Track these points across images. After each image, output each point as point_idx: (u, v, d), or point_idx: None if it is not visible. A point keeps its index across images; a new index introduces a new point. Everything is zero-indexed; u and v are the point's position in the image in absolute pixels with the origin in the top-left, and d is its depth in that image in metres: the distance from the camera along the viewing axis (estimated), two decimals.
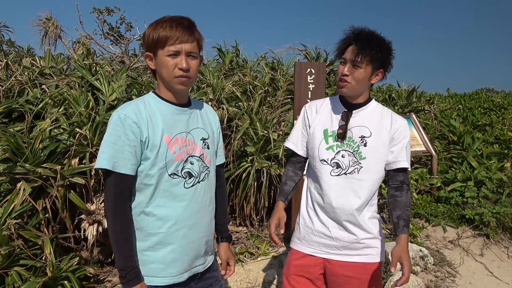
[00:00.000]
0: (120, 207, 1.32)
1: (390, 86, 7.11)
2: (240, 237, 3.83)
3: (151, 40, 1.32)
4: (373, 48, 1.53)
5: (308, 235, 1.74)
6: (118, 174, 1.29)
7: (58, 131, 3.13)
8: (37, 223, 2.70)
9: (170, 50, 1.30)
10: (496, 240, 3.79)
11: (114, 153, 1.27)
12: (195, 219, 1.44)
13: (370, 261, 1.67)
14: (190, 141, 1.42)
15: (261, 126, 3.73)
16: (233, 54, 5.49)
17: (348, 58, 1.57)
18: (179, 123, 1.41)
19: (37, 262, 2.53)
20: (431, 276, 3.15)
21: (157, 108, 1.38)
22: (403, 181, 1.68)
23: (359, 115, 1.68)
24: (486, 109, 7.21)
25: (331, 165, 1.65)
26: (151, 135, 1.32)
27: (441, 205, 4.36)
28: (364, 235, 1.67)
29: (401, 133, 1.66)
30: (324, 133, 1.70)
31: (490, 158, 5.04)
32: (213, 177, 1.55)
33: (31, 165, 2.68)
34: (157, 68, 1.36)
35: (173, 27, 1.30)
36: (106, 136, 1.30)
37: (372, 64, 1.56)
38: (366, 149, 1.63)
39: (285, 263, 1.83)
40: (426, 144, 4.70)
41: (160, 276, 1.38)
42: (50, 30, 5.99)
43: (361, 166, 1.63)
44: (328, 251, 1.70)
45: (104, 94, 3.61)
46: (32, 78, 3.87)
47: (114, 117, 1.30)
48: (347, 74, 1.57)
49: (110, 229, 1.33)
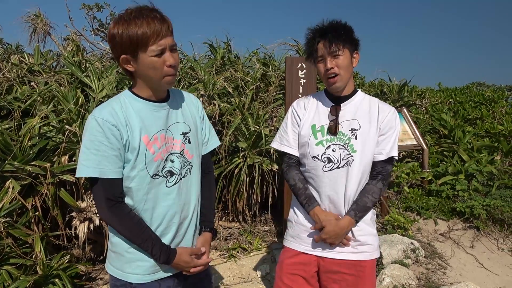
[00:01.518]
0: (117, 210, 1.30)
1: (381, 81, 7.12)
2: (233, 232, 3.83)
3: (127, 41, 1.21)
4: (341, 33, 1.56)
5: (302, 233, 1.73)
6: (106, 179, 1.26)
7: (48, 128, 3.11)
8: (27, 221, 2.68)
9: (156, 50, 1.23)
10: (486, 232, 3.84)
11: (100, 160, 1.24)
12: (181, 215, 1.43)
13: (366, 259, 1.67)
14: (169, 138, 1.39)
15: (253, 121, 3.73)
16: (224, 50, 5.46)
17: (325, 53, 1.58)
18: (157, 120, 1.36)
19: (28, 260, 2.51)
20: (422, 269, 3.18)
21: (134, 107, 1.32)
22: (379, 171, 1.67)
23: (347, 108, 1.68)
24: (476, 103, 7.26)
25: (323, 161, 1.65)
26: (130, 137, 1.28)
27: (432, 198, 4.39)
28: (358, 231, 1.67)
29: (388, 123, 1.65)
30: (312, 128, 1.69)
31: (481, 151, 5.09)
32: (198, 170, 1.51)
33: (20, 163, 2.66)
34: (141, 70, 1.28)
35: (149, 22, 1.21)
36: (87, 143, 1.25)
37: (347, 48, 1.59)
38: (357, 142, 1.63)
39: (278, 262, 1.81)
40: (418, 138, 4.73)
41: (146, 273, 1.37)
42: (39, 27, 5.90)
43: (353, 159, 1.62)
44: (322, 249, 1.69)
45: (94, 90, 3.58)
46: (20, 75, 3.82)
47: (92, 122, 1.25)
48: (332, 66, 1.58)
49: (120, 232, 1.33)
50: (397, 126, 1.68)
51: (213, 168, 1.74)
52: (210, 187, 1.65)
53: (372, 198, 1.64)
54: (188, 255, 1.42)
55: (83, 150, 1.26)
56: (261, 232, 3.85)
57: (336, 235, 1.60)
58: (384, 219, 3.84)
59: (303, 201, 1.69)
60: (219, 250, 3.53)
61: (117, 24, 1.23)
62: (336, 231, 1.60)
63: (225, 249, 3.51)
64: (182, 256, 1.39)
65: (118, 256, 1.38)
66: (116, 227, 1.32)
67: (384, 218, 3.82)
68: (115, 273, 1.38)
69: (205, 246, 1.52)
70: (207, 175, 1.62)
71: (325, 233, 1.60)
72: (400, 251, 3.19)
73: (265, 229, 3.95)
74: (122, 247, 1.36)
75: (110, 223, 1.32)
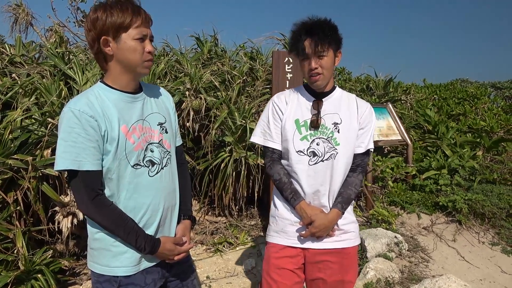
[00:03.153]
0: (98, 202, 1.28)
1: (367, 77, 7.18)
2: (219, 227, 3.83)
3: (110, 23, 1.25)
4: (327, 34, 1.58)
5: (286, 227, 1.74)
6: (85, 172, 1.24)
7: (30, 121, 3.04)
8: (8, 216, 2.62)
9: (138, 33, 1.28)
10: (468, 226, 3.92)
11: (78, 152, 1.22)
12: (164, 204, 1.44)
13: (348, 246, 1.73)
14: (147, 128, 1.39)
15: (240, 115, 3.72)
16: (211, 44, 5.41)
17: (310, 52, 1.59)
18: (133, 111, 1.36)
19: (9, 256, 2.47)
20: (406, 262, 3.24)
21: (108, 98, 1.31)
22: (359, 164, 1.75)
23: (328, 102, 1.72)
24: (460, 99, 7.38)
25: (308, 155, 1.67)
26: (108, 128, 1.27)
27: (416, 193, 4.46)
28: (342, 221, 1.72)
29: (367, 118, 1.75)
30: (296, 123, 1.70)
31: (463, 146, 5.18)
32: (175, 160, 1.54)
33: (1, 156, 2.60)
34: (120, 53, 1.29)
35: (135, 10, 1.28)
36: (64, 135, 1.23)
37: (332, 49, 1.61)
38: (340, 135, 1.68)
39: (264, 258, 1.82)
40: (402, 134, 4.79)
41: (133, 264, 1.37)
42: (20, 17, 5.75)
43: (337, 152, 1.66)
44: (307, 240, 1.71)
45: (78, 83, 3.51)
46: (1, 67, 3.73)
47: (68, 114, 1.23)
48: (316, 67, 1.60)
49: (102, 225, 1.31)
50: (374, 120, 1.78)
51: (185, 160, 1.75)
52: (185, 176, 1.66)
53: (355, 190, 1.71)
54: (172, 243, 1.44)
55: (60, 143, 1.24)
56: (247, 227, 3.86)
57: (325, 228, 1.65)
58: (368, 213, 3.89)
59: (288, 196, 1.70)
60: (205, 245, 3.53)
61: (99, 8, 1.28)
62: (325, 224, 1.64)
63: (211, 243, 3.51)
64: (166, 245, 1.41)
65: (102, 252, 1.36)
66: (98, 220, 1.30)
67: (369, 212, 3.87)
68: (99, 269, 1.37)
69: (186, 233, 1.55)
70: (181, 165, 1.64)
71: (315, 227, 1.63)
72: (384, 245, 3.23)
73: (251, 223, 3.96)
74: (107, 241, 1.35)
75: (92, 216, 1.30)
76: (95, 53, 1.33)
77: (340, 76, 8.08)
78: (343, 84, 6.81)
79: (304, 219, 1.67)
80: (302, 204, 1.67)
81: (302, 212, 1.67)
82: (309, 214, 1.65)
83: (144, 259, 1.40)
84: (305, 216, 1.66)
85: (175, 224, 1.54)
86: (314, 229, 1.64)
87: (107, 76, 1.36)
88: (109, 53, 1.30)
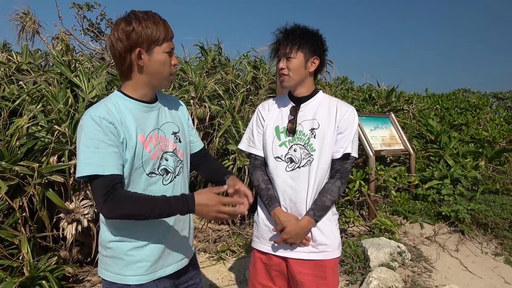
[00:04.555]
0: (115, 196, 1.22)
1: (370, 86, 7.23)
2: (222, 235, 3.84)
3: (145, 35, 1.28)
4: (297, 36, 1.63)
5: (267, 233, 1.77)
6: (109, 176, 1.23)
7: (36, 128, 3.07)
8: (13, 222, 2.64)
9: (169, 47, 1.34)
10: (471, 236, 3.91)
11: (100, 158, 1.22)
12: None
13: (326, 258, 1.70)
14: (162, 137, 1.41)
15: (243, 124, 3.75)
16: (215, 52, 5.47)
17: (281, 53, 1.67)
18: (149, 120, 1.39)
19: (14, 262, 2.48)
20: (409, 272, 3.23)
21: (126, 107, 1.34)
22: (338, 170, 1.70)
23: (307, 108, 1.72)
24: (462, 109, 7.40)
25: (286, 161, 1.69)
26: (126, 136, 1.29)
27: (418, 203, 4.46)
28: (319, 231, 1.70)
29: (346, 122, 1.68)
30: (275, 130, 1.73)
31: (466, 156, 5.19)
32: (187, 169, 1.56)
33: (8, 163, 2.62)
34: (151, 65, 1.32)
35: (164, 22, 1.33)
36: (86, 141, 1.23)
37: (302, 52, 1.64)
38: (316, 141, 1.67)
39: (250, 263, 1.85)
40: (405, 143, 4.81)
41: (146, 273, 1.37)
42: (27, 25, 5.83)
43: (312, 158, 1.66)
44: (283, 249, 1.72)
45: (84, 91, 3.55)
46: (8, 74, 3.77)
47: (89, 121, 1.24)
48: (283, 67, 1.65)
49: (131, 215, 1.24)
50: (355, 125, 1.70)
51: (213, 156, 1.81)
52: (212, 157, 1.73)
53: (331, 197, 1.67)
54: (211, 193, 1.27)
55: (82, 149, 1.23)
56: (250, 235, 3.86)
57: (296, 234, 1.64)
58: (371, 222, 3.89)
59: (265, 202, 1.73)
60: (208, 253, 3.53)
61: (133, 20, 1.29)
62: (296, 231, 1.64)
63: (214, 251, 3.51)
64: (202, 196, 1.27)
65: (115, 261, 1.36)
66: (123, 212, 1.23)
67: (372, 222, 3.87)
68: (111, 277, 1.37)
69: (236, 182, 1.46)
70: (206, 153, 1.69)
71: (286, 233, 1.64)
72: (387, 254, 3.23)
73: None
74: (121, 250, 1.35)
75: (115, 213, 1.24)
76: (123, 63, 1.32)
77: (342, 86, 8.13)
78: (346, 94, 6.85)
79: (278, 225, 1.69)
80: (277, 210, 1.69)
81: (276, 218, 1.69)
82: (282, 220, 1.66)
83: (157, 268, 1.40)
84: (278, 222, 1.68)
85: (187, 233, 1.52)
86: (285, 235, 1.64)
87: (127, 86, 1.37)
88: (140, 64, 1.32)
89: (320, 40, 1.69)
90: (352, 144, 1.68)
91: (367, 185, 4.02)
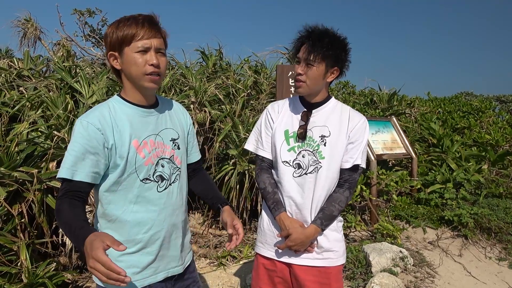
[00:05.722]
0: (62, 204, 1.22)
1: (371, 90, 7.21)
2: (223, 240, 3.81)
3: (115, 38, 1.27)
4: (324, 46, 1.53)
5: (271, 239, 1.74)
6: (76, 181, 1.24)
7: (36, 134, 3.07)
8: (12, 228, 2.63)
9: (139, 46, 1.27)
10: (474, 240, 3.87)
11: (75, 161, 1.23)
12: (170, 221, 1.43)
13: (330, 265, 1.68)
14: (159, 143, 1.40)
15: (244, 129, 3.73)
16: (216, 57, 5.47)
17: (301, 57, 1.58)
18: (147, 125, 1.37)
19: (13, 268, 2.47)
20: (411, 277, 3.19)
21: (123, 112, 1.33)
22: (347, 179, 1.67)
23: (318, 114, 1.68)
24: (465, 113, 7.37)
25: (293, 166, 1.66)
26: (117, 141, 1.28)
27: (421, 207, 4.43)
28: (323, 238, 1.68)
29: (357, 132, 1.65)
30: (285, 134, 1.70)
31: (469, 160, 5.15)
32: (185, 176, 1.53)
33: (7, 168, 2.62)
34: (124, 67, 1.31)
35: (139, 24, 1.27)
36: (70, 145, 1.26)
37: (324, 62, 1.55)
38: (325, 149, 1.63)
39: (253, 268, 1.82)
40: (407, 147, 4.78)
41: (135, 280, 1.36)
42: (29, 32, 5.87)
43: (320, 166, 1.63)
44: (288, 256, 1.70)
45: (84, 96, 3.56)
46: (9, 80, 3.79)
47: (77, 125, 1.26)
48: (301, 73, 1.58)
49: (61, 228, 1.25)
50: (366, 136, 1.67)
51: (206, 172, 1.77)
52: (207, 177, 1.70)
53: (338, 206, 1.64)
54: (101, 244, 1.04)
55: (66, 152, 1.26)
56: (250, 240, 3.84)
57: (301, 242, 1.62)
58: (373, 227, 3.85)
59: (270, 206, 1.70)
60: (209, 258, 3.51)
61: (111, 26, 1.31)
62: (301, 239, 1.61)
63: (215, 257, 3.48)
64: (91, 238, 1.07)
65: None
66: (57, 221, 1.25)
67: (373, 226, 3.84)
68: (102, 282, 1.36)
69: (232, 216, 1.49)
70: (201, 171, 1.68)
71: (291, 240, 1.61)
72: (389, 259, 3.19)
73: (254, 236, 3.93)
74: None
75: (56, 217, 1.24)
76: (112, 68, 1.36)
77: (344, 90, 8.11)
78: (347, 98, 6.83)
79: (282, 230, 1.66)
80: (282, 215, 1.66)
81: (281, 224, 1.66)
82: (287, 226, 1.63)
83: (147, 275, 1.39)
84: (283, 227, 1.65)
85: (181, 241, 1.50)
86: (290, 242, 1.62)
87: (123, 90, 1.38)
88: (116, 67, 1.33)
89: (345, 51, 1.60)
90: (362, 156, 1.66)
91: (368, 190, 3.99)
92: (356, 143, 1.65)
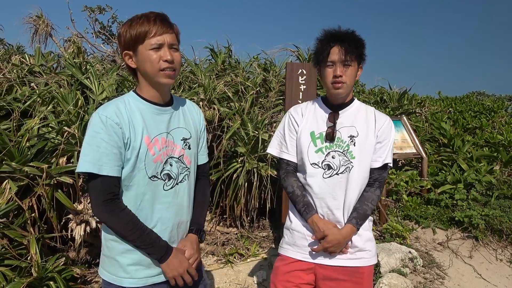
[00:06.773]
0: (113, 205, 1.29)
1: (381, 89, 7.14)
2: (230, 238, 3.81)
3: (128, 37, 1.29)
4: (357, 46, 1.60)
5: (299, 240, 1.72)
6: (105, 176, 1.26)
7: (46, 130, 3.09)
8: (22, 223, 2.66)
9: (153, 43, 1.28)
10: (485, 242, 3.82)
11: (100, 156, 1.24)
12: (175, 220, 1.43)
13: (364, 265, 1.67)
14: (170, 141, 1.40)
15: (252, 126, 3.72)
16: (225, 55, 5.46)
17: (337, 59, 1.58)
18: (159, 123, 1.38)
19: (22, 262, 2.49)
20: (420, 278, 3.16)
21: (137, 108, 1.34)
22: (377, 178, 1.70)
23: (345, 115, 1.70)
24: (476, 113, 7.26)
25: (323, 168, 1.65)
26: (132, 136, 1.29)
27: (431, 207, 4.38)
28: (357, 238, 1.67)
29: (384, 132, 1.69)
30: (311, 135, 1.69)
31: (480, 160, 5.08)
32: (194, 176, 1.53)
33: (18, 163, 2.64)
34: (140, 65, 1.33)
35: (151, 21, 1.28)
36: (89, 139, 1.26)
37: (356, 61, 1.62)
38: (356, 149, 1.64)
39: (273, 269, 1.79)
40: (417, 147, 4.72)
41: (141, 277, 1.36)
42: (40, 28, 5.91)
43: (352, 165, 1.63)
44: (320, 256, 1.67)
45: (94, 92, 3.57)
46: (21, 76, 3.82)
47: (95, 118, 1.27)
48: (341, 75, 1.59)
49: (115, 230, 1.31)
50: (392, 135, 1.72)
51: (208, 178, 1.78)
52: (205, 193, 1.65)
53: (371, 205, 1.66)
54: (183, 255, 1.42)
55: (84, 146, 1.27)
56: (258, 238, 3.83)
57: (338, 243, 1.61)
58: (382, 227, 3.82)
59: (301, 209, 1.68)
60: (216, 256, 3.51)
61: (124, 25, 1.32)
62: (338, 240, 1.60)
63: (222, 254, 3.49)
64: (177, 256, 1.39)
65: (111, 261, 1.37)
66: (110, 224, 1.30)
67: (383, 226, 3.80)
68: (108, 277, 1.38)
69: (186, 244, 1.46)
70: (203, 180, 1.63)
71: (328, 241, 1.60)
72: (398, 260, 3.16)
73: (262, 235, 3.92)
74: (116, 251, 1.35)
75: (105, 220, 1.31)
76: (127, 66, 1.38)
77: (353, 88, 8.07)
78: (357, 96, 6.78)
79: (317, 233, 1.64)
80: (315, 218, 1.65)
81: (314, 226, 1.64)
82: (322, 228, 1.62)
83: (153, 274, 1.39)
84: (317, 230, 1.63)
85: None
86: (326, 244, 1.60)
87: (139, 87, 1.40)
88: (132, 66, 1.35)
89: (365, 48, 1.67)
90: (390, 154, 1.70)
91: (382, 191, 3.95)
92: (384, 142, 1.68)
